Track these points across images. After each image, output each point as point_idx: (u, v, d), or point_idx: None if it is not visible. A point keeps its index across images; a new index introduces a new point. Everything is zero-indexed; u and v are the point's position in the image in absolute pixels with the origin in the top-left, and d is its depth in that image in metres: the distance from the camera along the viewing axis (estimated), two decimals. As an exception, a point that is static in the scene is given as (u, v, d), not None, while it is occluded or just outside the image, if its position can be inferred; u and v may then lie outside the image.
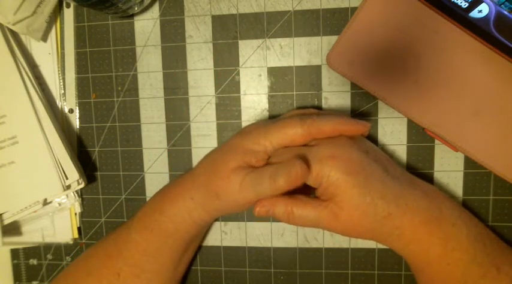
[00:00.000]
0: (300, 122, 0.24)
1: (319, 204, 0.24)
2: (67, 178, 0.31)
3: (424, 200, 0.24)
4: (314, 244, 0.31)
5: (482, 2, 0.24)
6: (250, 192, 0.23)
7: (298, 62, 0.30)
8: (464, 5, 0.24)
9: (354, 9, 0.28)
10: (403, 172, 0.26)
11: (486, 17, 0.24)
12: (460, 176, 0.29)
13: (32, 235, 0.33)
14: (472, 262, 0.23)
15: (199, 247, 0.32)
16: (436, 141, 0.29)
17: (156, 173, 0.32)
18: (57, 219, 0.33)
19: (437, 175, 0.29)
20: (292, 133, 0.24)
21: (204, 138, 0.31)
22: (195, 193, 0.26)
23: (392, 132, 0.29)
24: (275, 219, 0.26)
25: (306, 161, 0.23)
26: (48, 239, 0.33)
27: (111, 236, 0.29)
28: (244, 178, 0.23)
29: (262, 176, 0.23)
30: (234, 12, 0.30)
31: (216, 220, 0.32)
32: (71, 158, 0.31)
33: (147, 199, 0.32)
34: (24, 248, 0.34)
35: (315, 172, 0.23)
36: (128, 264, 0.27)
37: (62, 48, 0.32)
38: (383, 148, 0.29)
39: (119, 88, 0.32)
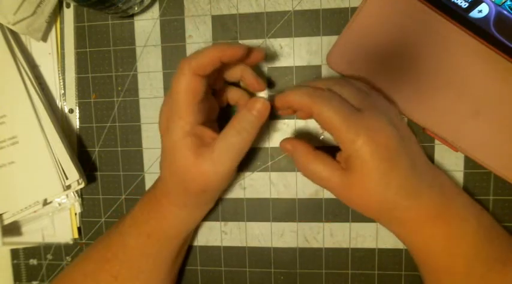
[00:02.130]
0: (182, 69, 0.23)
1: (336, 167, 0.23)
2: (67, 178, 0.31)
3: (439, 198, 0.24)
4: (314, 244, 0.31)
5: (482, 2, 0.24)
6: (228, 162, 0.23)
7: (298, 62, 0.30)
8: (464, 5, 0.24)
9: (354, 9, 0.28)
10: (429, 167, 0.26)
11: (486, 17, 0.24)
12: (460, 176, 0.29)
13: (32, 235, 0.33)
14: (477, 257, 0.24)
15: (196, 247, 0.32)
16: (436, 141, 0.29)
17: (156, 173, 0.32)
18: (57, 219, 0.33)
19: (437, 175, 0.29)
20: (185, 82, 0.23)
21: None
22: (181, 197, 0.26)
23: (392, 132, 0.29)
24: (290, 156, 0.25)
25: (348, 119, 0.22)
26: (48, 239, 0.33)
27: (103, 241, 0.29)
28: (213, 159, 0.23)
29: (227, 140, 0.23)
30: (234, 12, 0.30)
31: (216, 220, 0.32)
32: (71, 158, 0.31)
33: (147, 199, 0.32)
34: (24, 248, 0.34)
35: (347, 136, 0.22)
36: (125, 267, 0.27)
37: (62, 48, 0.32)
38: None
39: (119, 88, 0.32)
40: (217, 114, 0.29)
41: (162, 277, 0.29)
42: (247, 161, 0.31)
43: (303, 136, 0.30)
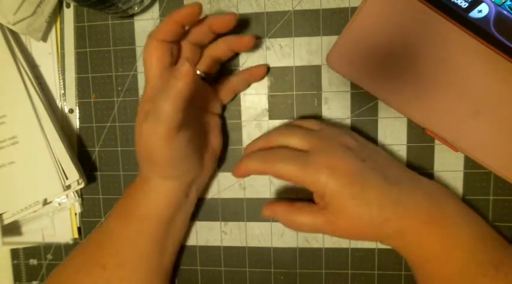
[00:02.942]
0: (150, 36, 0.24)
1: (316, 210, 0.24)
2: (67, 178, 0.31)
3: (426, 201, 0.24)
4: (314, 244, 0.31)
5: (482, 2, 0.24)
6: (159, 127, 0.22)
7: (298, 62, 0.30)
8: (464, 5, 0.24)
9: (354, 9, 0.28)
10: (404, 172, 0.26)
11: (486, 17, 0.24)
12: (460, 176, 0.29)
13: (32, 235, 0.33)
14: (471, 260, 0.23)
15: (196, 247, 0.32)
16: (436, 141, 0.29)
17: (156, 173, 0.32)
18: (57, 219, 0.33)
19: (437, 175, 0.29)
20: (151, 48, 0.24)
21: (204, 138, 0.31)
22: (143, 169, 0.26)
23: (392, 132, 0.29)
24: (275, 220, 0.26)
25: (303, 165, 0.23)
26: (48, 239, 0.33)
27: (92, 233, 0.30)
28: (146, 123, 0.23)
29: (156, 105, 0.22)
30: (234, 12, 0.30)
31: (216, 220, 0.32)
32: (71, 158, 0.31)
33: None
34: (24, 248, 0.34)
35: (310, 179, 0.23)
36: (110, 255, 0.27)
37: (62, 48, 0.32)
38: (383, 148, 0.29)
39: (119, 88, 0.32)
40: (219, 109, 0.29)
41: (151, 267, 0.28)
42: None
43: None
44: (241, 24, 0.30)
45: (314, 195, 0.25)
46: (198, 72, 0.28)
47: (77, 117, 0.33)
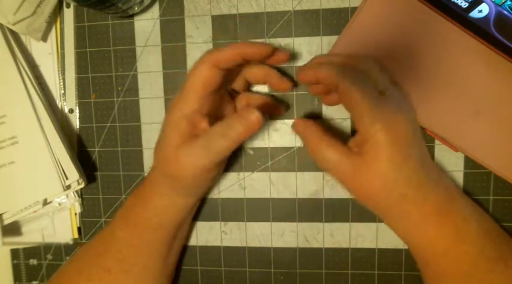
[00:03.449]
0: (202, 59, 0.23)
1: (348, 152, 0.23)
2: (67, 178, 0.31)
3: (443, 195, 0.24)
4: (314, 244, 0.31)
5: (482, 2, 0.24)
6: (204, 158, 0.23)
7: (298, 62, 0.29)
8: (464, 5, 0.24)
9: (354, 9, 0.28)
10: (433, 165, 0.26)
11: (486, 17, 0.24)
12: (460, 176, 0.29)
13: (32, 235, 0.33)
14: (480, 255, 0.23)
15: (196, 247, 0.32)
16: (436, 141, 0.29)
17: (156, 173, 0.32)
18: (57, 219, 0.33)
19: (437, 175, 0.29)
20: (201, 71, 0.23)
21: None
22: (162, 184, 0.26)
23: (393, 132, 0.29)
24: (302, 140, 0.25)
25: (375, 102, 0.22)
26: (48, 239, 0.33)
27: (97, 237, 0.29)
28: (191, 148, 0.23)
29: (210, 139, 0.22)
30: (234, 12, 0.30)
31: (216, 220, 0.32)
32: (71, 158, 0.31)
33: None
34: (24, 248, 0.34)
35: (369, 120, 0.22)
36: (116, 260, 0.27)
37: (62, 48, 0.32)
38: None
39: (119, 88, 0.32)
40: None
41: (156, 272, 0.28)
42: (247, 161, 0.31)
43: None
44: (242, 24, 0.30)
45: (354, 137, 0.24)
46: (229, 88, 0.28)
47: (77, 117, 0.33)
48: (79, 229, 0.33)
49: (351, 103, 0.23)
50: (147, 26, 0.31)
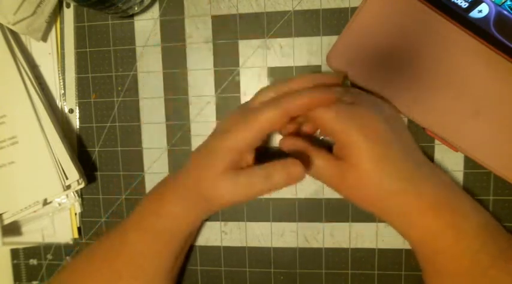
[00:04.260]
0: (279, 104, 0.23)
1: (332, 159, 0.24)
2: (67, 178, 0.31)
3: (438, 188, 0.24)
4: (314, 244, 0.31)
5: (482, 2, 0.24)
6: (242, 195, 0.23)
7: (298, 62, 0.30)
8: (464, 5, 0.24)
9: (354, 9, 0.28)
10: (424, 158, 0.26)
11: (486, 17, 0.24)
12: (460, 176, 0.29)
13: (32, 235, 0.33)
14: (481, 250, 0.23)
15: (196, 247, 0.32)
16: (436, 141, 0.29)
17: (156, 173, 0.32)
18: (57, 219, 0.33)
19: (437, 175, 0.29)
20: (275, 117, 0.23)
21: (204, 138, 0.31)
22: (187, 195, 0.26)
23: (392, 132, 0.29)
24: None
25: (339, 111, 0.23)
26: (48, 239, 0.33)
27: (108, 238, 0.29)
28: (233, 182, 0.23)
29: (253, 180, 0.23)
30: (234, 12, 0.30)
31: (216, 220, 0.32)
32: (71, 158, 0.31)
33: (147, 199, 0.32)
34: (24, 248, 0.34)
35: (341, 127, 0.23)
36: (127, 266, 0.27)
37: (62, 48, 0.32)
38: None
39: (119, 88, 0.32)
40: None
41: (164, 277, 0.29)
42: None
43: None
44: (242, 24, 0.30)
45: (335, 145, 0.25)
46: None
47: (77, 117, 0.33)
48: (79, 229, 0.33)
49: (318, 119, 0.23)
50: (147, 26, 0.31)
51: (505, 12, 0.23)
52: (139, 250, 0.27)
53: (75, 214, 0.33)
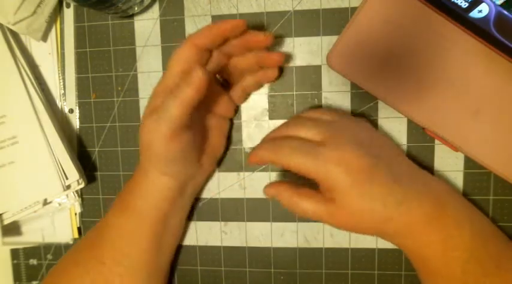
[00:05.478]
0: (181, 43, 0.24)
1: (320, 200, 0.24)
2: (67, 178, 0.31)
3: (429, 201, 0.24)
4: (314, 244, 0.31)
5: (482, 2, 0.24)
6: (161, 125, 0.23)
7: (298, 62, 0.30)
8: (464, 5, 0.24)
9: (354, 9, 0.28)
10: (411, 169, 0.26)
11: (486, 17, 0.24)
12: (460, 176, 0.29)
13: (32, 235, 0.33)
14: (472, 260, 0.23)
15: (196, 247, 0.32)
16: (436, 141, 0.29)
17: (156, 173, 0.32)
18: (57, 219, 0.33)
19: (437, 175, 0.29)
20: (183, 50, 0.24)
21: (204, 138, 0.31)
22: (143, 161, 0.26)
23: (392, 132, 0.29)
24: (277, 200, 0.26)
25: (314, 157, 0.23)
26: (48, 239, 0.33)
27: (92, 228, 0.30)
28: (152, 114, 0.23)
29: (164, 106, 0.23)
30: (234, 12, 0.30)
31: (216, 220, 0.32)
32: (71, 158, 0.31)
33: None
34: (24, 248, 0.34)
35: (320, 172, 0.23)
36: (109, 249, 0.27)
37: (62, 48, 0.32)
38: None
39: (119, 88, 0.32)
40: (233, 111, 0.30)
41: (148, 267, 0.28)
42: (247, 161, 0.31)
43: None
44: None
45: (320, 186, 0.25)
46: (218, 76, 0.28)
47: (77, 117, 0.33)
48: (79, 229, 0.33)
49: (297, 170, 0.24)
50: (147, 26, 0.31)
51: (505, 12, 0.23)
52: (121, 232, 0.27)
53: (75, 214, 0.33)
